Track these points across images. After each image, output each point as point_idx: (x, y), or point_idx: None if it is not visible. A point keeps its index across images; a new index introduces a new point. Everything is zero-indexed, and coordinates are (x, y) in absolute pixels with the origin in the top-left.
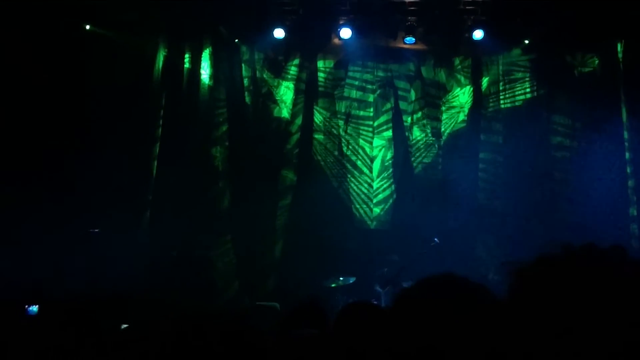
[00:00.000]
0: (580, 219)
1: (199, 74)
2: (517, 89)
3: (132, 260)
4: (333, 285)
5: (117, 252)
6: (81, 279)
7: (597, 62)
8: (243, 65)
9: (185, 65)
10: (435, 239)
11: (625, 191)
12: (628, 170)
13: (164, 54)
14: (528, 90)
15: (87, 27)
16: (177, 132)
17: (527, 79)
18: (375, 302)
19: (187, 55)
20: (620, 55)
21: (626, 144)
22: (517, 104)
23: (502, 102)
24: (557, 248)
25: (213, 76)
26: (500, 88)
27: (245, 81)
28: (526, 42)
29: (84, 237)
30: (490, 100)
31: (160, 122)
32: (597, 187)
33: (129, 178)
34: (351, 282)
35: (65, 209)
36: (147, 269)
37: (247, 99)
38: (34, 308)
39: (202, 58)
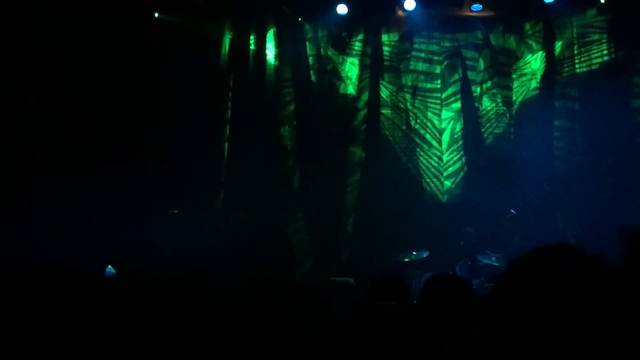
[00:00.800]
0: None
1: (264, 55)
2: (594, 51)
3: (209, 238)
4: (406, 259)
5: (196, 231)
6: (163, 257)
7: None
8: (307, 43)
9: (250, 47)
10: (512, 211)
11: None
12: None
13: (229, 36)
14: (605, 52)
15: (156, 15)
16: (246, 113)
17: (603, 40)
18: None
19: (252, 37)
20: None
21: None
22: (593, 67)
23: (577, 66)
24: None
25: (278, 56)
26: (575, 52)
27: (310, 59)
28: (602, 1)
29: (164, 217)
30: (565, 65)
31: (229, 104)
32: None
33: (202, 160)
34: (424, 256)
35: (143, 192)
36: (224, 246)
37: (313, 77)
38: (112, 269)
39: (267, 38)
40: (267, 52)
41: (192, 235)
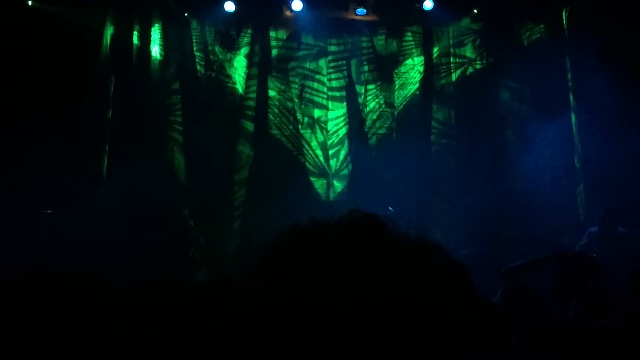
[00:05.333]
0: (530, 185)
1: (149, 51)
2: (467, 58)
3: (88, 238)
4: None
5: (73, 230)
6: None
7: (543, 29)
8: (194, 40)
9: (134, 42)
10: (390, 208)
11: (572, 158)
12: (575, 139)
13: (111, 31)
14: (478, 59)
15: (30, 2)
16: (129, 110)
17: (476, 48)
18: None
19: (135, 32)
20: (565, 22)
21: (572, 108)
22: (467, 73)
23: (453, 71)
24: None
25: (164, 52)
26: (451, 58)
27: (197, 56)
28: (475, 11)
29: (38, 217)
30: (442, 70)
31: (111, 100)
32: (547, 153)
33: (81, 158)
34: None
35: (15, 193)
36: (103, 247)
37: (200, 74)
38: None
39: (152, 33)
40: (152, 47)
41: (69, 234)
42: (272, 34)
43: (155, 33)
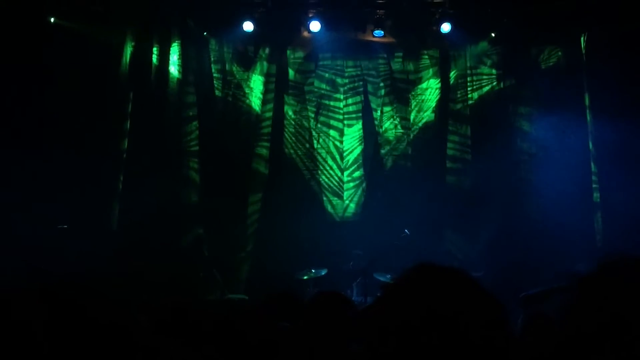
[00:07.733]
0: (545, 212)
1: (167, 68)
2: (484, 81)
3: (102, 258)
4: (305, 277)
5: (87, 249)
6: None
7: (561, 54)
8: (212, 58)
9: (153, 60)
10: (406, 231)
11: (589, 182)
12: (592, 161)
13: (131, 47)
14: (495, 82)
15: (52, 19)
16: (146, 127)
17: (493, 71)
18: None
19: (155, 49)
20: (583, 47)
21: (590, 135)
22: (484, 96)
23: (469, 94)
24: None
25: (182, 70)
26: (468, 80)
27: (215, 75)
28: (492, 34)
29: (53, 233)
30: (458, 93)
31: (129, 118)
32: (563, 177)
33: (97, 174)
34: (323, 274)
35: (33, 207)
36: (118, 265)
37: (217, 93)
38: None
39: (171, 52)
40: (171, 65)
41: (82, 253)
42: (290, 53)
43: (174, 52)
